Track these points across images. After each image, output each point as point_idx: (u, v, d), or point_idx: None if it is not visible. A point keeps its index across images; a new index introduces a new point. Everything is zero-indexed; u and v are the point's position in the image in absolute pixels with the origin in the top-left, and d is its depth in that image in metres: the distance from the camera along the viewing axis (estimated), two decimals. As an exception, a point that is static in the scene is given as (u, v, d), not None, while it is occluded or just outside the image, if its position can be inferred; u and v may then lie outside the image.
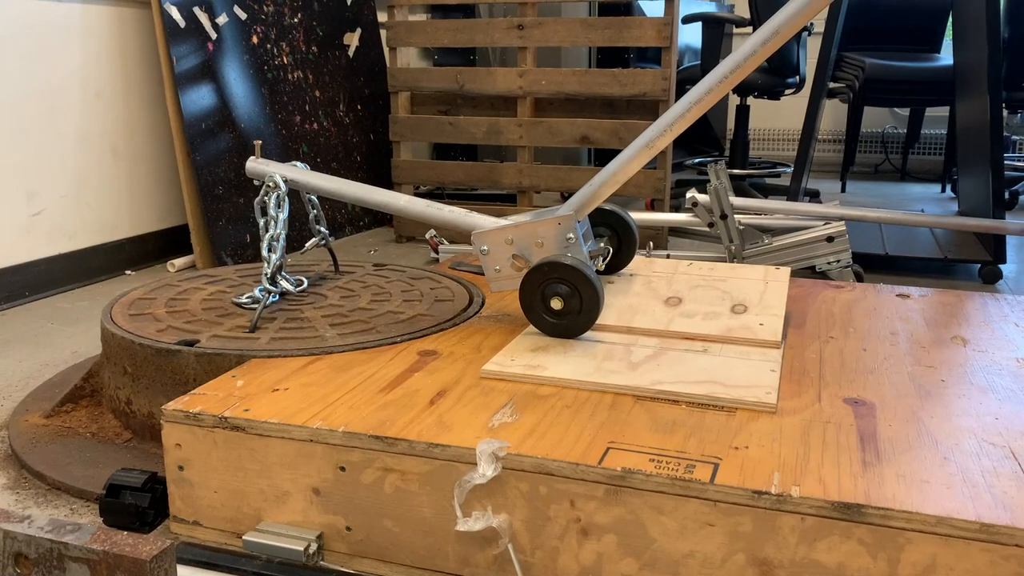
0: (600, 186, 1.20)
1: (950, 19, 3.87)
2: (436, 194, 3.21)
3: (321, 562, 0.95)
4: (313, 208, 1.48)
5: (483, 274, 1.27)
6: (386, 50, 2.87)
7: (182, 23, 2.32)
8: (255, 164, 1.40)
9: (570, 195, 3.02)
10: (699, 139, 4.25)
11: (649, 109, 2.57)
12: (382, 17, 2.97)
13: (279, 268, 1.37)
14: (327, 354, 1.15)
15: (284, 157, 2.59)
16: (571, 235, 1.19)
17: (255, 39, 2.58)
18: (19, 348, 1.76)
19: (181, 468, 0.99)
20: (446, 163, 2.88)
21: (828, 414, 0.96)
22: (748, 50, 1.10)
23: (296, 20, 2.75)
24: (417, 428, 0.91)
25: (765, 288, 1.36)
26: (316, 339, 1.20)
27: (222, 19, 2.45)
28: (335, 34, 2.94)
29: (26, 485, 1.17)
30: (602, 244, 1.38)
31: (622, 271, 1.43)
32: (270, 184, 1.36)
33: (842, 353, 1.17)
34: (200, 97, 2.36)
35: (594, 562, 0.85)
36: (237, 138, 2.45)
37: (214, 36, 2.42)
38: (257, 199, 1.37)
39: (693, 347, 1.14)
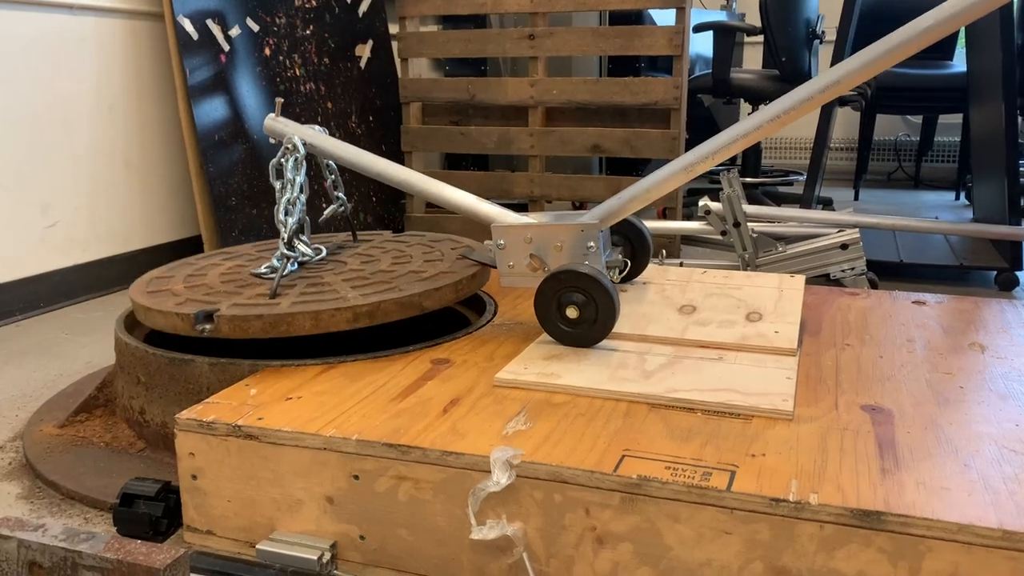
0: (629, 200, 1.19)
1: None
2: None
3: (335, 571, 0.94)
4: (331, 174, 1.43)
5: (492, 266, 1.26)
6: (397, 61, 2.88)
7: (195, 35, 2.34)
8: (274, 123, 1.36)
9: (581, 205, 3.00)
10: (711, 148, 4.24)
11: (660, 118, 2.57)
12: (393, 29, 2.98)
13: (297, 232, 1.33)
14: (341, 364, 1.14)
15: (296, 168, 2.59)
16: (592, 244, 1.18)
17: (267, 51, 2.59)
18: (33, 359, 1.77)
19: (194, 477, 0.99)
20: (457, 173, 2.88)
21: (845, 421, 0.95)
22: (804, 95, 1.06)
23: (308, 32, 2.77)
24: (431, 436, 0.91)
25: (780, 296, 1.35)
26: (338, 299, 1.16)
27: (235, 31, 2.47)
28: (347, 46, 2.95)
29: (40, 495, 1.17)
30: (619, 256, 1.37)
31: (635, 280, 1.43)
32: (288, 146, 1.31)
33: (858, 360, 1.16)
34: (213, 109, 2.38)
35: (610, 571, 0.84)
36: (250, 150, 2.46)
37: (227, 48, 2.44)
38: (273, 161, 1.32)
39: (708, 355, 1.14)
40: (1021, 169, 2.41)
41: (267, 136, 1.43)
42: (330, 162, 1.42)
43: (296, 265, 1.34)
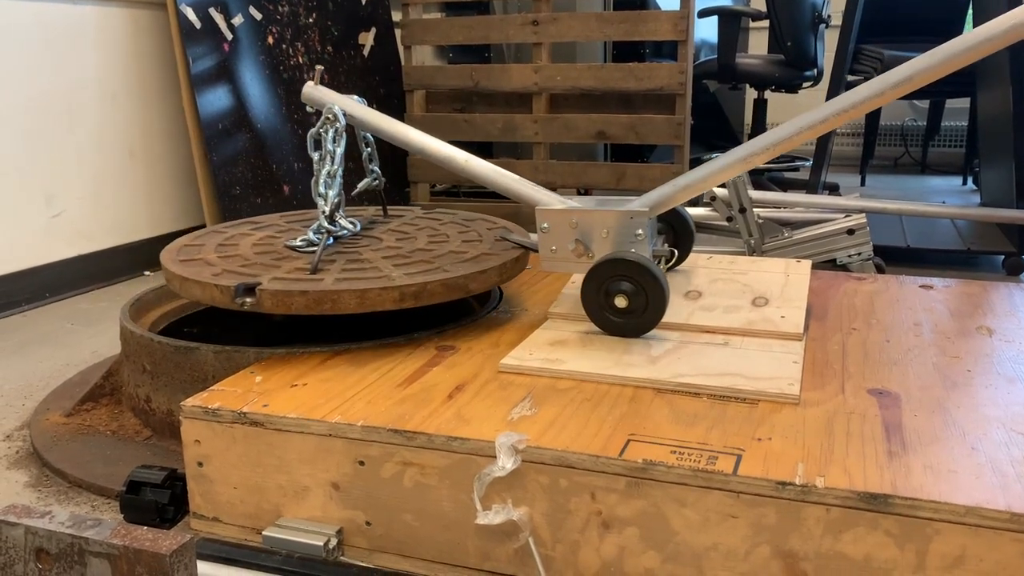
0: (682, 188, 1.16)
1: (970, 9, 3.83)
2: (452, 192, 3.21)
3: (341, 557, 0.94)
4: (367, 146, 1.39)
5: (532, 249, 1.23)
6: (401, 49, 2.87)
7: (198, 24, 2.33)
8: (313, 91, 1.32)
9: (587, 192, 2.98)
10: (717, 134, 4.23)
11: (665, 103, 2.56)
12: (396, 16, 2.97)
13: (338, 206, 1.30)
14: (346, 351, 1.14)
15: (300, 157, 2.59)
16: (640, 231, 1.15)
17: (271, 39, 2.58)
18: (40, 349, 1.77)
19: (200, 464, 0.99)
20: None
21: (852, 405, 0.95)
22: (879, 87, 1.03)
23: (311, 20, 2.76)
24: (436, 422, 0.91)
25: (786, 281, 1.34)
26: (382, 278, 1.13)
27: (237, 20, 2.46)
28: (350, 34, 2.94)
29: (48, 483, 1.18)
30: (666, 245, 1.33)
31: (677, 268, 1.40)
32: (328, 116, 1.27)
33: (865, 344, 1.15)
34: (216, 98, 2.37)
35: (616, 555, 0.84)
36: (253, 138, 2.46)
37: (230, 37, 2.43)
38: (312, 131, 1.28)
39: (714, 340, 1.13)
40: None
41: (271, 125, 1.41)
42: (367, 134, 1.38)
43: (332, 240, 1.31)
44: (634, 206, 1.17)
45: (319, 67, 1.36)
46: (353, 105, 1.32)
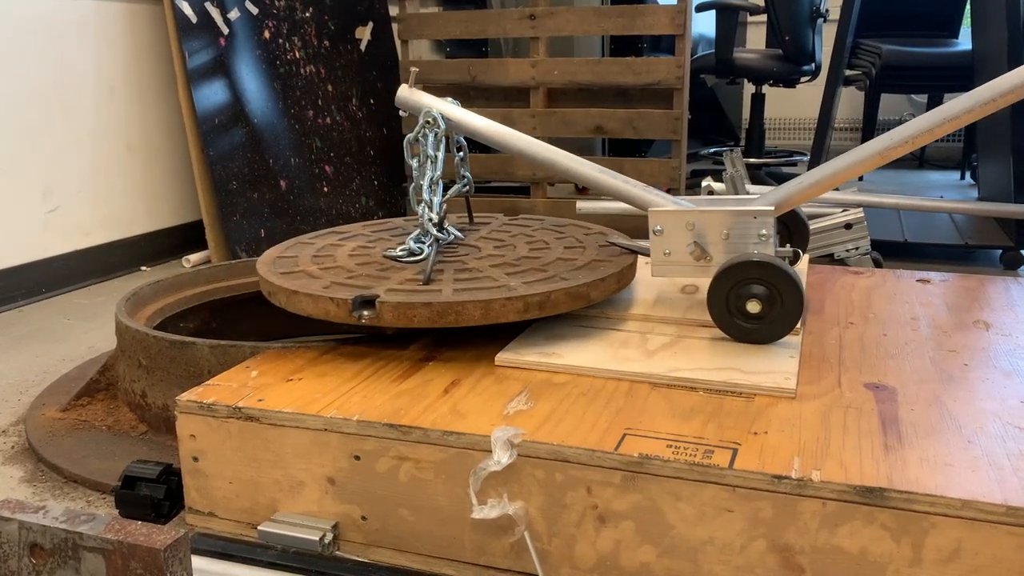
0: (811, 186, 1.10)
1: (968, 4, 3.82)
2: (446, 187, 3.20)
3: (337, 552, 0.94)
4: (460, 151, 1.35)
5: (642, 253, 1.18)
6: (398, 43, 2.86)
7: (194, 18, 2.32)
8: (409, 94, 1.27)
9: (584, 189, 2.98)
10: (714, 128, 4.22)
11: (663, 98, 2.55)
12: (393, 10, 2.96)
13: (445, 213, 1.25)
14: (344, 343, 1.14)
15: (297, 151, 2.59)
16: (764, 232, 1.09)
17: (267, 34, 2.58)
18: (36, 343, 1.77)
19: (196, 459, 0.99)
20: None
21: (848, 399, 0.95)
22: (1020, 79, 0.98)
23: (308, 14, 2.75)
24: (431, 416, 0.91)
25: (783, 274, 1.34)
26: (502, 288, 1.09)
27: (234, 14, 2.45)
28: (347, 28, 2.93)
29: (43, 478, 1.17)
30: (788, 246, 1.27)
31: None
32: (428, 120, 1.23)
33: (862, 339, 1.15)
34: (213, 92, 2.37)
35: (612, 549, 0.84)
36: (250, 133, 2.45)
37: (226, 31, 2.42)
38: (409, 136, 1.24)
39: (710, 334, 1.13)
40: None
41: (267, 120, 1.40)
42: (460, 138, 1.34)
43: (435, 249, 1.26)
44: (758, 205, 1.10)
45: (414, 69, 1.31)
46: (450, 108, 1.27)
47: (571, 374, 1.03)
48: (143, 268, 2.42)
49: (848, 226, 2.03)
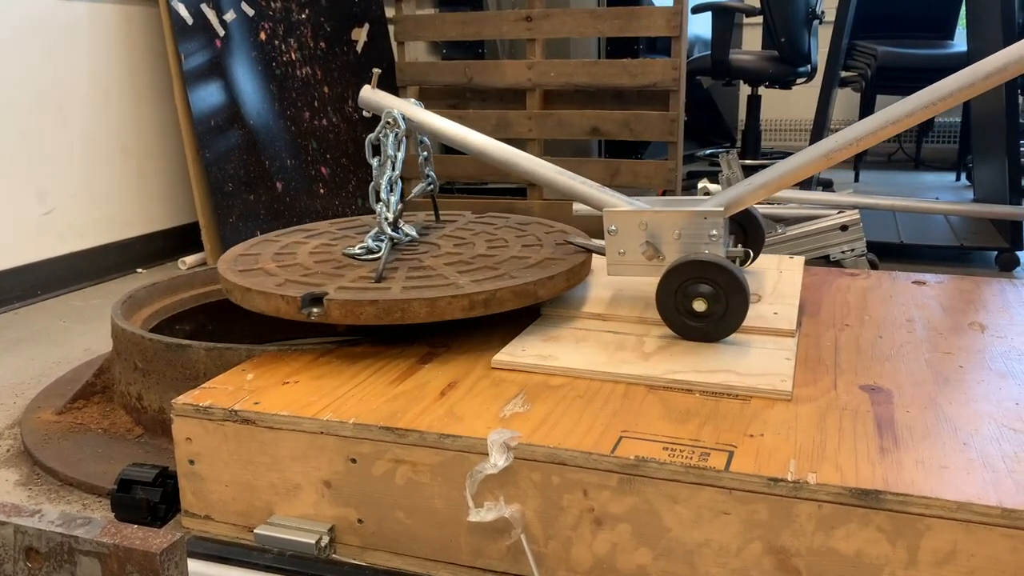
0: (759, 187, 1.12)
1: (963, 5, 3.83)
2: (446, 188, 3.20)
3: (333, 555, 0.94)
4: (424, 150, 1.38)
5: (597, 252, 1.20)
6: (394, 45, 2.86)
7: (189, 20, 2.32)
8: (371, 95, 1.30)
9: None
10: (711, 130, 4.23)
11: (659, 99, 2.56)
12: (390, 12, 2.96)
13: (400, 213, 1.27)
14: (340, 345, 1.14)
15: (293, 153, 2.58)
16: (715, 232, 1.12)
17: (263, 36, 2.58)
18: (31, 346, 1.77)
19: (192, 462, 0.99)
20: (456, 157, 2.87)
21: (844, 401, 0.95)
22: (969, 78, 0.99)
23: (304, 16, 2.75)
24: (428, 419, 0.91)
25: (779, 277, 1.34)
26: (450, 286, 1.11)
27: (229, 16, 2.45)
28: (343, 29, 2.93)
29: (39, 481, 1.17)
30: (740, 246, 1.30)
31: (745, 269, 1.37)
32: (388, 120, 1.25)
33: (858, 341, 1.15)
34: (208, 94, 2.36)
35: (608, 552, 0.84)
36: (246, 135, 2.45)
37: (222, 33, 2.42)
38: (371, 136, 1.26)
39: (706, 336, 1.13)
40: (1022, 149, 2.40)
41: (263, 122, 1.40)
42: (424, 138, 1.36)
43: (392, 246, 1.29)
44: (708, 206, 1.13)
45: (377, 70, 1.33)
46: (412, 109, 1.29)
47: (567, 376, 1.03)
48: (139, 270, 2.41)
49: (844, 228, 2.03)
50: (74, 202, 2.23)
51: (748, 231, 1.35)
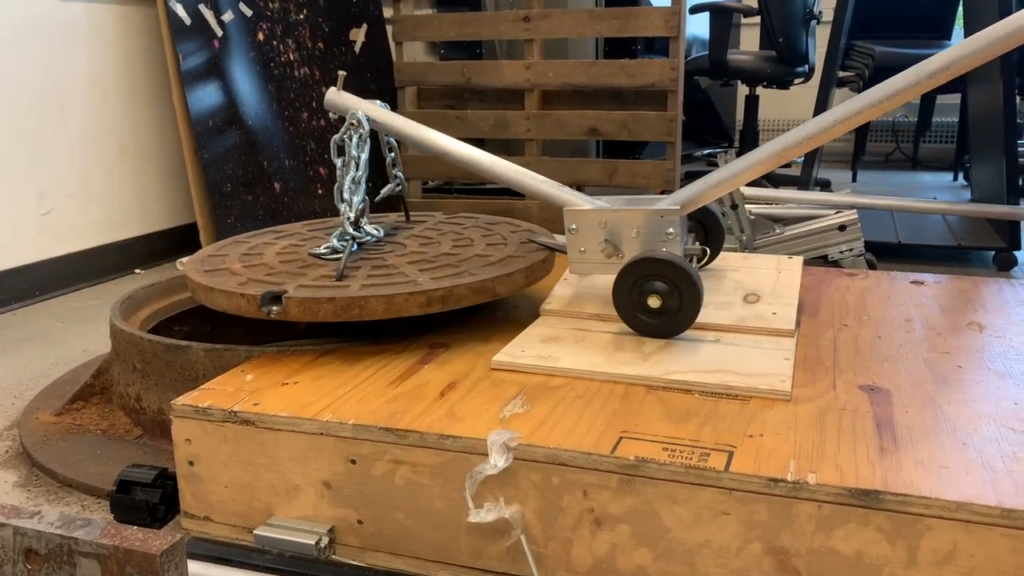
0: (714, 185, 1.14)
1: (960, 6, 3.84)
2: (444, 188, 3.20)
3: (333, 556, 0.94)
4: (391, 151, 1.40)
5: (559, 250, 1.21)
6: (392, 45, 2.86)
7: (188, 21, 2.32)
8: (336, 97, 1.32)
9: (579, 189, 2.99)
10: (708, 130, 4.23)
11: (658, 100, 2.56)
12: (388, 12, 2.96)
13: (362, 212, 1.30)
14: (338, 349, 1.14)
15: (291, 153, 2.58)
16: (672, 230, 1.14)
17: (261, 36, 2.57)
18: (30, 347, 1.76)
19: (191, 463, 0.99)
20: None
21: (843, 401, 0.95)
22: (913, 79, 1.02)
23: (302, 16, 2.75)
24: (428, 420, 0.91)
25: (778, 277, 1.34)
26: (409, 283, 1.13)
27: (227, 16, 2.45)
28: (341, 30, 2.93)
29: (37, 483, 1.17)
30: (697, 244, 1.31)
31: (707, 267, 1.38)
32: (352, 122, 1.28)
33: (856, 341, 1.15)
34: (207, 95, 2.36)
35: (608, 553, 0.84)
36: (244, 135, 2.45)
37: (220, 33, 2.42)
38: (336, 136, 1.29)
39: (705, 337, 1.13)
40: (1019, 149, 2.40)
41: (262, 122, 1.41)
42: (391, 139, 1.38)
43: (356, 246, 1.31)
44: (664, 204, 1.14)
45: (342, 73, 1.35)
46: (376, 110, 1.31)
47: (567, 377, 1.03)
48: (137, 271, 2.41)
49: (842, 228, 2.03)
50: (72, 202, 2.23)
51: (708, 229, 1.37)
